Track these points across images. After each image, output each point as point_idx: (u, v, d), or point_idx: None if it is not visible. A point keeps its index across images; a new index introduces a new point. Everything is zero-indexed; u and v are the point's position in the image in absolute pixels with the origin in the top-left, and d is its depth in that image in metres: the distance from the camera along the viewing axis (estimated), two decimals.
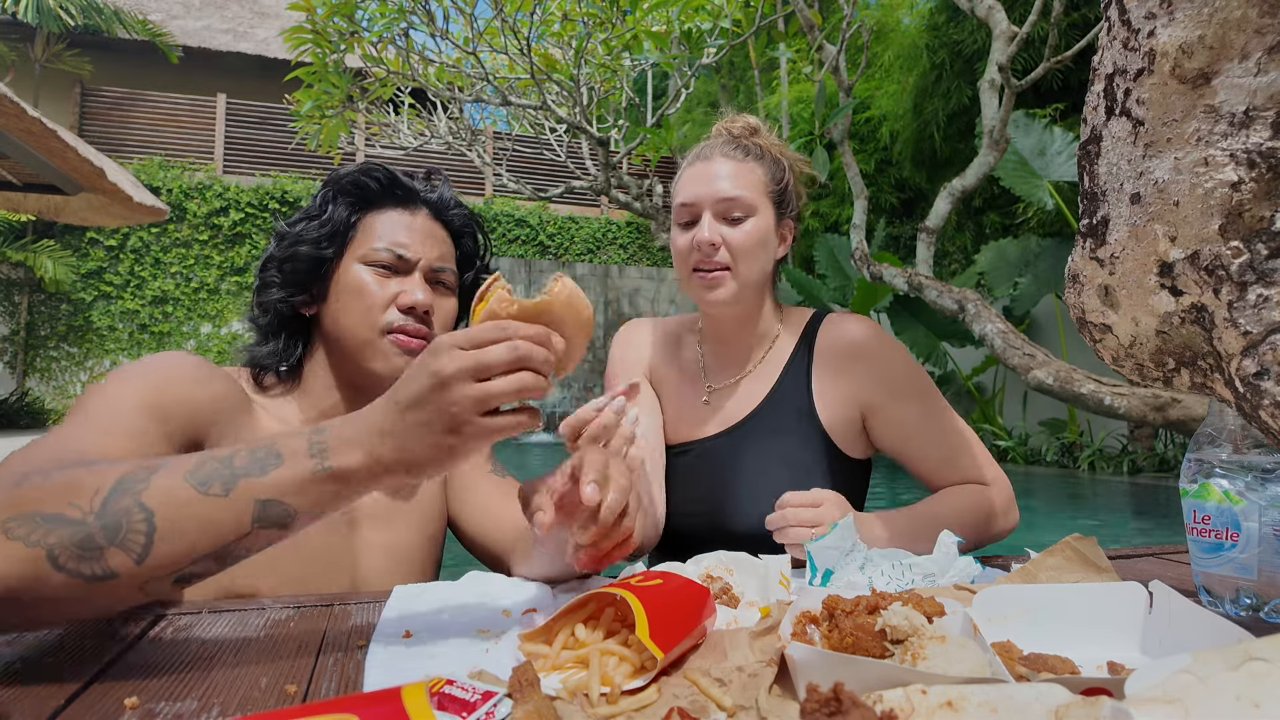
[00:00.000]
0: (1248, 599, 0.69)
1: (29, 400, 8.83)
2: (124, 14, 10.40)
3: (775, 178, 1.14)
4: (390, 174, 0.97)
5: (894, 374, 1.13)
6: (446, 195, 1.01)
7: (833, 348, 1.16)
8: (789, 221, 1.17)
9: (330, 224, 0.93)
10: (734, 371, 1.21)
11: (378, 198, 0.96)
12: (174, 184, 9.70)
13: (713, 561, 0.80)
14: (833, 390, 1.14)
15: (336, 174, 0.97)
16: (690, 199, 1.10)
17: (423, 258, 0.95)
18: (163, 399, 0.75)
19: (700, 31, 5.16)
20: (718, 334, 1.21)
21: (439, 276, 0.97)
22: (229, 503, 0.56)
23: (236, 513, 0.56)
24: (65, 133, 4.42)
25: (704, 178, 1.10)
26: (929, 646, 0.50)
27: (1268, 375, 0.55)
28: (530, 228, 11.17)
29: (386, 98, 5.69)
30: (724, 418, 1.18)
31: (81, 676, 0.55)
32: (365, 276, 0.92)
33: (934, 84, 7.92)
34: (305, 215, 0.96)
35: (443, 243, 0.99)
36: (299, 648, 0.62)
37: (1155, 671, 0.38)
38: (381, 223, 0.95)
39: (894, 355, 1.14)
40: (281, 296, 0.93)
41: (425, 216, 0.98)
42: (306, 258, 0.92)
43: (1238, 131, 0.55)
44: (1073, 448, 6.94)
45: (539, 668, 0.54)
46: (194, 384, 0.80)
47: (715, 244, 1.08)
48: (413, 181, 0.99)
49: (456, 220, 1.02)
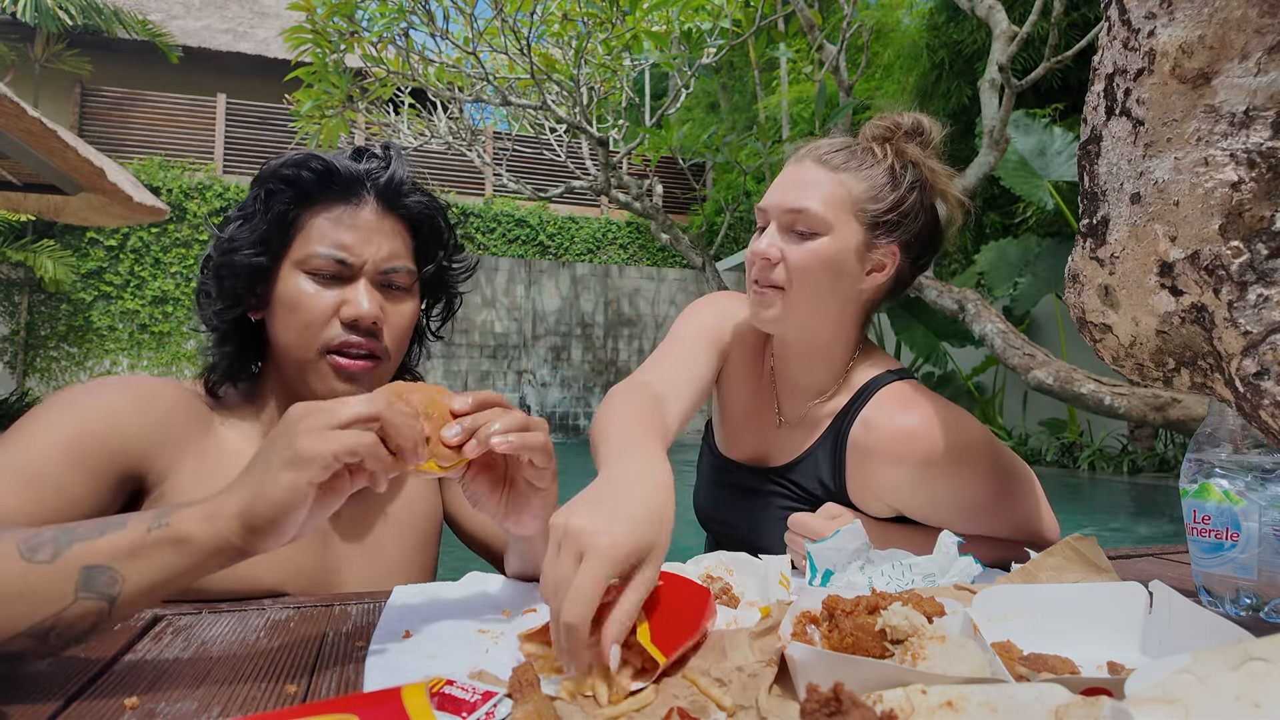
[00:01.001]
0: (1248, 599, 0.69)
1: (29, 400, 8.82)
2: (124, 14, 10.39)
3: (880, 193, 0.96)
4: (327, 164, 0.84)
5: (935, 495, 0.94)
6: (399, 176, 0.87)
7: (866, 442, 0.96)
8: (891, 248, 0.97)
9: (264, 226, 0.83)
10: (796, 406, 1.07)
11: (316, 191, 0.84)
12: (174, 184, 9.70)
13: (713, 562, 0.80)
14: (863, 487, 0.98)
15: (267, 167, 0.85)
16: (764, 204, 0.99)
17: (368, 260, 0.83)
18: (88, 442, 0.72)
19: (700, 31, 5.17)
20: (784, 357, 1.07)
21: (390, 279, 0.86)
22: (53, 569, 0.52)
23: (58, 581, 0.52)
24: (65, 133, 4.42)
25: (782, 183, 0.99)
26: (929, 646, 0.50)
27: (1268, 375, 0.55)
28: (530, 228, 11.17)
29: (386, 98, 5.69)
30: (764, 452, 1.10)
31: (81, 677, 0.55)
32: (303, 286, 0.82)
33: (934, 84, 7.92)
34: (239, 215, 0.85)
35: (393, 237, 0.86)
36: (299, 648, 0.62)
37: (1155, 671, 0.38)
38: (321, 222, 0.84)
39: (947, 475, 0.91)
40: (220, 308, 0.84)
41: (372, 209, 0.86)
42: (241, 266, 0.82)
43: (1238, 131, 0.55)
44: (1073, 448, 6.94)
45: (539, 668, 0.54)
46: (130, 415, 0.76)
47: (770, 258, 0.96)
48: (356, 166, 0.85)
49: (412, 209, 0.89)
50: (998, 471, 0.95)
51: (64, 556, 0.53)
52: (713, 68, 5.55)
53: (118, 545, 0.54)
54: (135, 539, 0.54)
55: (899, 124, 1.00)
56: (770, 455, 1.08)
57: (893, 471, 0.93)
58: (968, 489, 0.93)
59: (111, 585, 0.53)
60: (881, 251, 0.97)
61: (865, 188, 0.96)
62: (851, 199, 0.95)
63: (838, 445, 0.99)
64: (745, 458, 1.12)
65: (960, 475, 0.92)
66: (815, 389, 1.04)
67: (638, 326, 11.50)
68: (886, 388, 1.00)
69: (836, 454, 0.99)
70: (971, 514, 0.94)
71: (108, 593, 0.53)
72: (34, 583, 0.52)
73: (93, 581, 0.53)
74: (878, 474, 0.95)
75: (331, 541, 0.87)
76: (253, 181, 0.86)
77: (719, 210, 11.22)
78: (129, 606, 0.54)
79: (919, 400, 0.96)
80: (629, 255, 11.70)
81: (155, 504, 0.76)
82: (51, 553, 0.53)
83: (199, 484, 0.78)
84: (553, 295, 11.16)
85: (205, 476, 0.79)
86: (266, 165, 0.86)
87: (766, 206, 0.98)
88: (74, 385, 0.79)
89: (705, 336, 1.06)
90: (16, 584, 0.52)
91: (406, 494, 0.96)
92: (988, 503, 0.95)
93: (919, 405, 0.95)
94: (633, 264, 11.65)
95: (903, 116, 1.01)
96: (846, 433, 0.99)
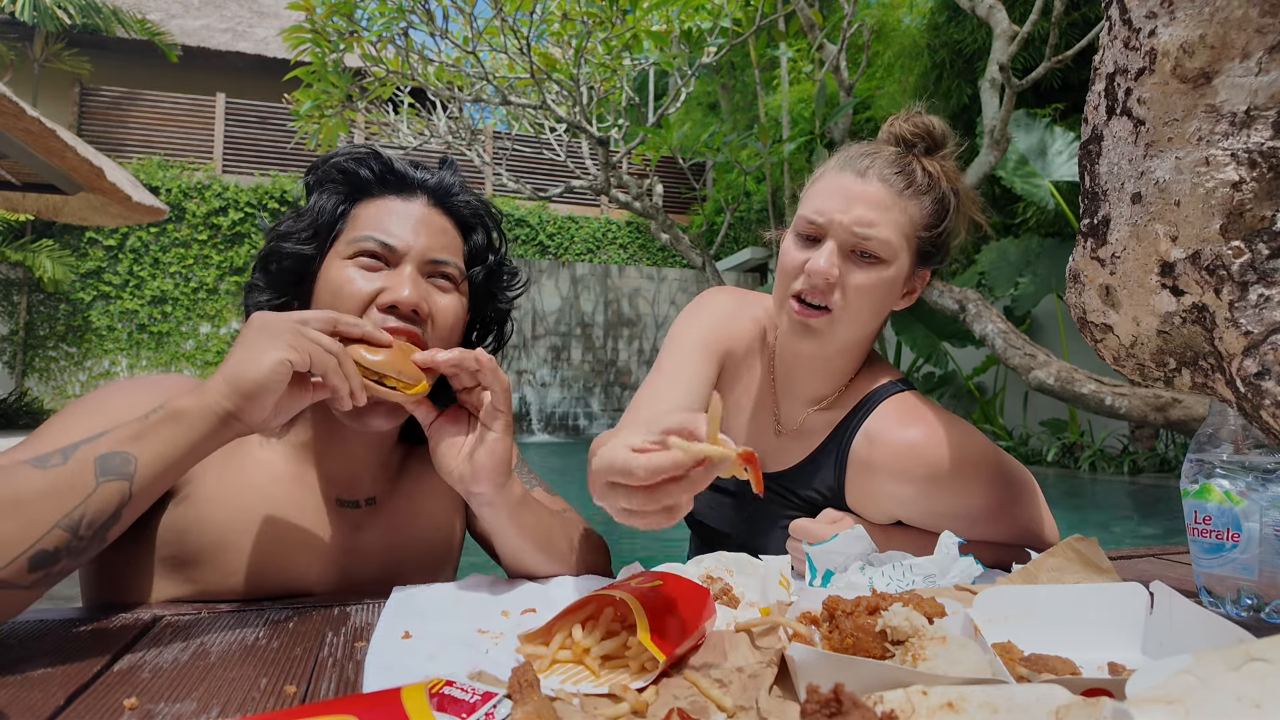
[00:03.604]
0: (1249, 599, 0.69)
1: (28, 400, 8.82)
2: (123, 13, 10.38)
3: (931, 222, 0.94)
4: (383, 159, 0.85)
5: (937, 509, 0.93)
6: (450, 180, 0.88)
7: (868, 456, 0.95)
8: (925, 272, 0.97)
9: (313, 216, 0.83)
10: (795, 413, 1.05)
11: (369, 186, 0.85)
12: (173, 184, 9.69)
13: (713, 562, 0.80)
14: (864, 498, 0.97)
15: (323, 157, 0.87)
16: (819, 215, 0.91)
17: (413, 247, 0.82)
18: None
19: (700, 31, 5.16)
20: (790, 365, 1.04)
21: (439, 269, 0.83)
22: (68, 468, 0.59)
23: (77, 474, 0.58)
24: (64, 132, 4.42)
25: (846, 196, 0.90)
26: (929, 647, 0.50)
27: (1269, 375, 0.55)
28: (530, 227, 11.17)
29: (386, 97, 5.69)
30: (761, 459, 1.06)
31: (81, 677, 0.55)
32: (347, 273, 0.80)
33: (934, 83, 7.92)
34: (294, 211, 0.86)
35: (443, 233, 0.86)
36: (299, 648, 0.62)
37: (1156, 672, 0.38)
38: (370, 212, 0.84)
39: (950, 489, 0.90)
40: (267, 299, 0.84)
41: (423, 203, 0.86)
42: (289, 256, 0.83)
43: (1239, 131, 0.54)
44: (1074, 448, 6.94)
45: (538, 668, 0.54)
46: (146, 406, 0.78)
47: (831, 281, 0.90)
48: (412, 169, 0.87)
49: (462, 209, 0.89)
50: (1000, 482, 0.94)
51: (75, 456, 0.60)
52: (713, 67, 5.56)
53: (122, 435, 0.61)
54: (137, 426, 0.62)
55: (929, 128, 0.96)
56: (767, 462, 1.07)
57: (896, 487, 0.93)
58: (970, 501, 0.92)
59: (126, 464, 0.60)
60: (919, 277, 0.97)
61: (922, 216, 0.94)
62: (911, 226, 0.93)
63: (839, 456, 0.98)
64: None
65: (963, 488, 0.91)
66: (816, 397, 1.03)
67: (638, 326, 11.50)
68: (889, 400, 0.98)
69: (838, 464, 0.98)
70: (974, 523, 0.93)
71: (125, 471, 0.60)
72: (54, 480, 0.58)
73: (109, 465, 0.59)
74: (880, 488, 0.94)
75: (353, 553, 0.87)
76: (306, 171, 0.88)
77: (719, 210, 11.22)
78: (147, 486, 0.61)
79: (922, 413, 0.95)
80: (629, 255, 11.70)
81: (180, 504, 0.77)
82: (62, 457, 0.59)
83: (223, 492, 0.78)
84: (552, 295, 11.16)
85: (229, 484, 0.79)
86: (322, 156, 0.87)
87: (827, 221, 0.91)
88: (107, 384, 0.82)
89: (703, 345, 1.04)
90: (39, 484, 0.58)
91: (430, 510, 0.94)
92: (990, 513, 0.94)
93: (922, 419, 0.94)
94: (633, 264, 11.65)
95: (932, 121, 0.97)
96: (848, 444, 0.97)
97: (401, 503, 0.92)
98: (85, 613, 0.70)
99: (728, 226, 9.07)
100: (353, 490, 0.87)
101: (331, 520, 0.84)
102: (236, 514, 0.78)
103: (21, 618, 0.68)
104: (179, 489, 0.77)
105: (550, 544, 0.85)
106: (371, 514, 0.88)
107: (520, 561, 0.84)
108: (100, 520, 0.59)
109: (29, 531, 0.56)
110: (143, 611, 0.71)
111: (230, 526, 0.77)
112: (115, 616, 0.69)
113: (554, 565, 0.85)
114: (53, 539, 0.57)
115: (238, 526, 0.78)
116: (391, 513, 0.91)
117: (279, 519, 0.80)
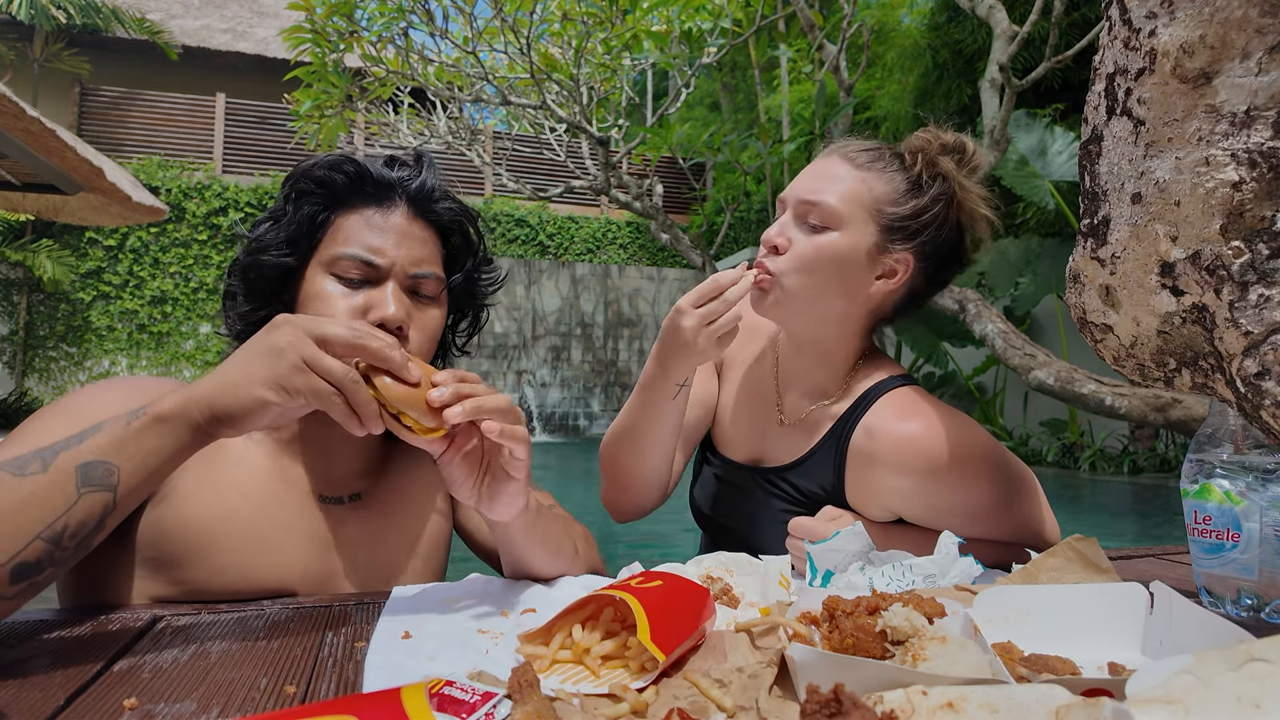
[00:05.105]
0: (1249, 599, 0.69)
1: (28, 400, 8.82)
2: (122, 13, 10.39)
3: (899, 198, 0.95)
4: (360, 167, 0.84)
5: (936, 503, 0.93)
6: (430, 184, 0.88)
7: (868, 449, 0.96)
8: (905, 255, 0.95)
9: (293, 227, 0.83)
10: (797, 407, 1.06)
11: (347, 195, 0.84)
12: (173, 184, 9.70)
13: (713, 562, 0.80)
14: (863, 493, 0.97)
15: (299, 168, 0.85)
16: (784, 193, 0.99)
17: (397, 262, 0.82)
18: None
19: (700, 31, 5.16)
20: (788, 355, 1.07)
21: (418, 284, 0.85)
22: (48, 477, 0.56)
23: (58, 484, 0.56)
24: (64, 132, 4.42)
25: (805, 173, 0.99)
26: (929, 647, 0.50)
27: (1269, 375, 0.55)
28: (530, 228, 11.17)
29: (386, 97, 5.69)
30: (762, 452, 1.09)
31: (81, 677, 0.55)
32: (330, 288, 0.80)
33: (935, 83, 7.93)
34: (269, 216, 0.85)
35: (423, 243, 0.86)
36: (299, 648, 0.62)
37: (1156, 672, 0.38)
38: (350, 224, 0.83)
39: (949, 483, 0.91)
40: (245, 310, 0.84)
41: (403, 214, 0.85)
42: (269, 266, 0.82)
43: (1239, 131, 0.55)
44: (1074, 448, 6.94)
45: (538, 668, 0.54)
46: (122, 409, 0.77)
47: (774, 245, 0.95)
48: (389, 172, 0.86)
49: (443, 215, 0.89)
50: (1000, 478, 0.94)
51: (54, 464, 0.57)
52: (713, 67, 5.56)
53: (102, 442, 0.59)
54: (118, 433, 0.59)
55: (938, 137, 0.97)
56: (768, 456, 1.08)
57: (895, 480, 0.93)
58: (970, 496, 0.92)
59: (109, 476, 0.57)
60: (895, 257, 0.95)
61: (887, 190, 0.95)
62: (871, 198, 0.94)
63: (839, 450, 0.99)
64: (743, 458, 1.11)
65: (962, 483, 0.91)
66: (817, 391, 1.04)
67: (638, 327, 11.50)
68: (889, 394, 0.98)
69: (837, 459, 0.99)
70: (973, 520, 0.93)
71: (107, 483, 0.57)
72: (34, 490, 0.56)
73: (91, 475, 0.57)
74: (879, 481, 0.94)
75: (337, 549, 0.86)
76: (283, 181, 0.87)
77: (719, 210, 11.22)
78: (130, 494, 0.58)
79: (921, 407, 0.95)
80: (629, 255, 11.70)
81: (158, 506, 0.76)
82: (40, 464, 0.57)
83: (203, 490, 0.78)
84: (552, 295, 11.16)
85: (210, 482, 0.78)
86: (299, 166, 0.86)
87: (785, 196, 0.98)
88: (82, 386, 0.79)
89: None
90: (18, 494, 0.56)
91: (416, 506, 0.94)
92: (990, 509, 0.94)
93: (921, 412, 0.94)
94: (633, 264, 11.65)
95: (947, 134, 0.98)
96: (848, 438, 0.98)
97: (387, 498, 0.91)
98: (85, 613, 0.70)
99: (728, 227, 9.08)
100: (336, 486, 0.87)
101: (315, 517, 0.84)
102: (218, 512, 0.77)
103: (22, 618, 0.68)
104: (159, 488, 0.76)
105: (559, 551, 0.85)
106: (356, 510, 0.88)
107: (527, 567, 0.84)
108: (84, 531, 0.57)
109: (9, 544, 0.55)
110: (142, 612, 0.71)
111: (211, 525, 0.76)
112: (115, 617, 0.69)
113: (558, 568, 0.85)
114: (34, 550, 0.55)
115: (219, 525, 0.77)
116: (377, 508, 0.90)
117: (261, 516, 0.79)
